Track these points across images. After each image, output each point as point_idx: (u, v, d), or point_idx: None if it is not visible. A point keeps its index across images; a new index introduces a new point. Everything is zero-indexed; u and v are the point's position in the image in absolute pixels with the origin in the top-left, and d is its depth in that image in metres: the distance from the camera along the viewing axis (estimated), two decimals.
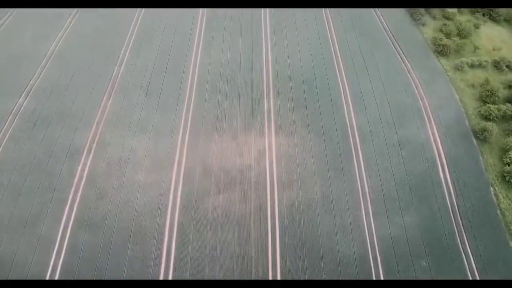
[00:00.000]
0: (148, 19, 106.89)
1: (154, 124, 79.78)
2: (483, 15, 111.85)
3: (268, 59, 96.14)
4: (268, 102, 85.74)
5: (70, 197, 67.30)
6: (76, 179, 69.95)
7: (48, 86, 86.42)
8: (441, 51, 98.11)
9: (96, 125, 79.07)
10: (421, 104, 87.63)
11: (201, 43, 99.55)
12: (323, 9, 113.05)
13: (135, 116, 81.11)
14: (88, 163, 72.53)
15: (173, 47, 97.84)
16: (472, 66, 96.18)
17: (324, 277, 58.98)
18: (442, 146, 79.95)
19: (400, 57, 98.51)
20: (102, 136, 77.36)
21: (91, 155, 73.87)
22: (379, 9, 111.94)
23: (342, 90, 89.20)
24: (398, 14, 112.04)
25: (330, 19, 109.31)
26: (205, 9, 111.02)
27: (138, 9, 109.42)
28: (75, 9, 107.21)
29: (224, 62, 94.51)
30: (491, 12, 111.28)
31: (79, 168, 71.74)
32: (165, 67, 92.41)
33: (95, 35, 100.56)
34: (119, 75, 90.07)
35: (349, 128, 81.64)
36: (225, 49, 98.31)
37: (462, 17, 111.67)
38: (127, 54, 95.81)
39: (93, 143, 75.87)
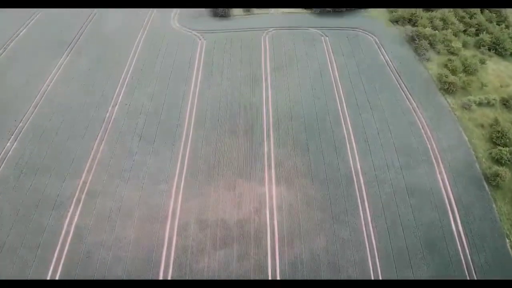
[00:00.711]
0: (144, 54, 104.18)
1: (148, 171, 75.58)
2: (489, 49, 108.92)
3: (268, 97, 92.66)
4: (268, 145, 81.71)
5: (55, 256, 62.58)
6: (62, 235, 65.34)
7: (38, 129, 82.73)
8: (447, 88, 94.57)
9: (86, 172, 74.88)
10: (429, 146, 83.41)
11: (199, 80, 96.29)
12: (323, 42, 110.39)
13: (128, 162, 77.00)
14: (76, 216, 68.06)
15: (169, 85, 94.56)
16: (480, 104, 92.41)
17: None
18: (452, 193, 75.36)
19: (405, 94, 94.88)
20: (93, 185, 73.04)
21: (79, 207, 69.43)
22: (383, 46, 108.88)
23: (345, 131, 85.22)
24: (402, 48, 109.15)
25: (332, 54, 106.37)
26: (204, 43, 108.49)
27: (134, 45, 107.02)
28: (69, 47, 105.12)
29: (222, 101, 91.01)
30: (497, 47, 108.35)
31: (66, 221, 67.24)
32: (161, 107, 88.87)
33: (90, 73, 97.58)
34: (113, 116, 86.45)
35: (353, 174, 77.27)
36: (223, 86, 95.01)
37: (467, 51, 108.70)
38: (122, 93, 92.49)
39: (82, 193, 71.52)
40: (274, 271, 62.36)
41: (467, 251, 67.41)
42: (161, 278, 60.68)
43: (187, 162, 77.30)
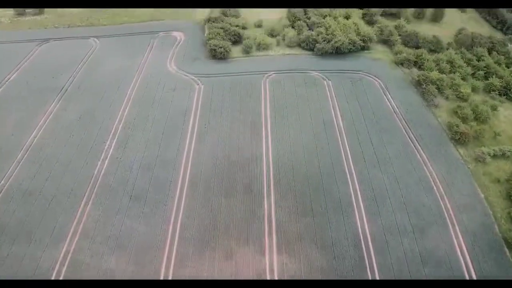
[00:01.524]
0: (138, 102, 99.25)
1: (137, 238, 69.01)
2: (500, 94, 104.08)
3: (268, 149, 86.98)
4: (269, 205, 75.37)
5: None
6: None
7: (20, 188, 76.70)
8: (459, 139, 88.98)
9: (69, 240, 68.37)
10: (442, 205, 76.99)
11: (195, 132, 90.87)
12: (326, 87, 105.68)
13: (115, 227, 70.53)
14: None
15: (164, 137, 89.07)
16: (494, 156, 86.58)
17: None
18: (471, 261, 68.50)
19: (414, 145, 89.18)
20: (75, 255, 66.35)
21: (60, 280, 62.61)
22: (389, 90, 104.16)
23: (351, 189, 79.02)
24: (409, 93, 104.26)
25: (335, 99, 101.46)
26: (201, 88, 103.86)
27: (128, 91, 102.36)
28: (58, 95, 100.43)
29: (219, 155, 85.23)
30: (508, 92, 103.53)
31: None
32: (154, 162, 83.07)
33: (80, 123, 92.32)
34: (102, 172, 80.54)
35: (362, 239, 70.60)
36: (221, 137, 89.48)
37: (477, 96, 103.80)
38: (113, 145, 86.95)
39: (64, 265, 64.79)
40: None
41: None
42: None
43: (180, 227, 70.93)
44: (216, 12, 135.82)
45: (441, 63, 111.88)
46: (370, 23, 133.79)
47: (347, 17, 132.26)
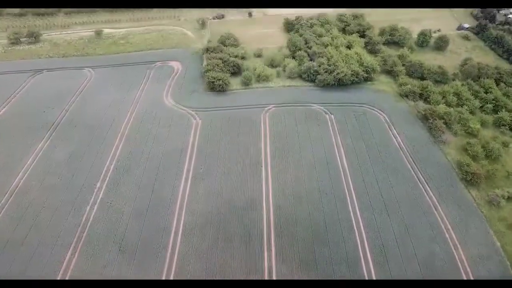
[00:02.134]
0: (132, 139, 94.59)
1: None
2: (510, 129, 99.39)
3: (268, 192, 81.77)
4: (269, 257, 69.76)
5: None
6: None
7: (1, 238, 71.32)
8: (471, 180, 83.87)
9: None
10: (456, 256, 71.38)
11: (190, 174, 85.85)
12: (328, 121, 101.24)
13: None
14: None
15: (158, 179, 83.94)
16: (509, 199, 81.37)
17: None
18: None
19: (423, 187, 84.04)
20: None
21: None
22: (394, 125, 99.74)
23: (358, 238, 73.48)
24: (415, 128, 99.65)
25: (338, 136, 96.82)
26: (199, 124, 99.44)
27: (122, 128, 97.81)
28: (48, 132, 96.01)
29: (216, 199, 79.87)
30: None
31: None
32: (147, 207, 77.77)
33: (69, 163, 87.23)
34: (90, 219, 75.12)
35: None
36: (218, 179, 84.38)
37: (487, 131, 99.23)
38: (103, 188, 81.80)
39: None
40: None
41: None
42: None
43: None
44: (214, 41, 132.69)
45: (448, 95, 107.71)
46: (373, 52, 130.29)
47: (349, 47, 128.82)
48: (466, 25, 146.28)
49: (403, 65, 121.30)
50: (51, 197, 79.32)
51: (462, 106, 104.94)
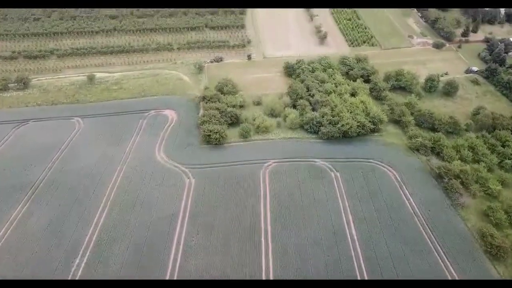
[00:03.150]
0: (118, 203, 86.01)
1: None
2: None
3: (268, 269, 72.59)
4: None
5: None
6: None
7: None
8: (496, 254, 74.71)
9: None
10: None
11: (181, 245, 76.81)
12: (334, 180, 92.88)
13: None
14: None
15: (144, 253, 74.84)
16: None
17: None
18: None
19: (443, 261, 74.90)
20: None
21: None
22: (406, 184, 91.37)
23: None
24: (429, 188, 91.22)
25: (345, 198, 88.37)
26: (192, 184, 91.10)
27: (108, 190, 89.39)
28: (27, 195, 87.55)
29: (209, 277, 70.51)
30: None
31: None
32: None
33: (47, 232, 78.41)
34: None
35: None
36: (212, 253, 75.33)
37: (508, 192, 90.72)
38: (82, 264, 72.61)
39: None
40: None
41: None
42: None
43: None
44: (212, 87, 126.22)
45: (462, 150, 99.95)
46: (379, 98, 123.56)
47: (353, 94, 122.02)
48: (475, 68, 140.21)
49: (412, 114, 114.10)
50: (24, 276, 70.00)
51: (478, 163, 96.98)
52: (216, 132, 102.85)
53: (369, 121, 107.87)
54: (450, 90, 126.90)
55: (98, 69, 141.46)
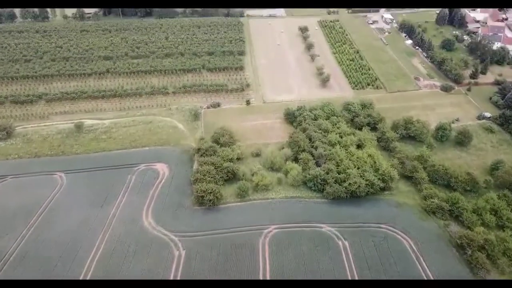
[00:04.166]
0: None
1: None
2: None
3: None
4: None
5: None
6: None
7: None
8: None
9: None
10: None
11: None
12: (342, 250, 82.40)
13: None
14: None
15: None
16: None
17: None
18: None
19: None
20: None
21: None
22: (423, 255, 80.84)
23: None
24: (450, 262, 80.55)
25: (355, 271, 77.97)
26: (182, 256, 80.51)
27: (86, 266, 78.70)
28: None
29: None
30: None
31: None
32: None
33: None
34: None
35: None
36: None
37: None
38: None
39: None
40: None
41: None
42: None
43: None
44: (208, 136, 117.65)
45: (484, 213, 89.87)
46: (387, 149, 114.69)
47: (360, 145, 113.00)
48: (488, 114, 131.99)
49: (424, 168, 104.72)
50: None
51: (503, 229, 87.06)
52: (210, 193, 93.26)
53: (379, 179, 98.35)
54: (463, 140, 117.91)
55: (88, 115, 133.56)
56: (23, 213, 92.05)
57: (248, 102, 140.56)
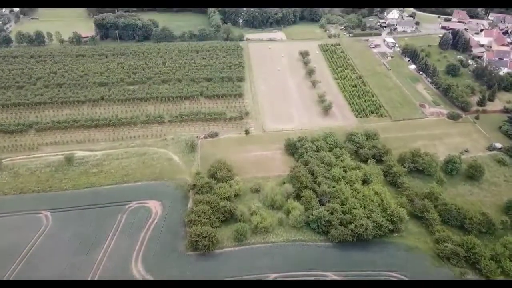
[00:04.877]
0: None
1: None
2: None
3: None
4: None
5: None
6: None
7: None
8: None
9: None
10: None
11: None
12: None
13: None
14: None
15: None
16: None
17: None
18: None
19: None
20: None
21: None
22: None
23: None
24: None
25: None
26: None
27: None
28: None
29: None
30: None
31: None
32: None
33: None
34: None
35: None
36: None
37: None
38: None
39: None
40: None
41: None
42: None
43: None
44: (204, 170, 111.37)
45: (504, 260, 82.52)
46: (394, 184, 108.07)
47: (365, 180, 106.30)
48: (499, 145, 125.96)
49: (435, 206, 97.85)
50: None
51: None
52: (205, 237, 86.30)
53: (387, 219, 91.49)
54: (474, 174, 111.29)
55: (79, 146, 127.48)
56: (2, 259, 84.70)
57: (247, 132, 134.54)
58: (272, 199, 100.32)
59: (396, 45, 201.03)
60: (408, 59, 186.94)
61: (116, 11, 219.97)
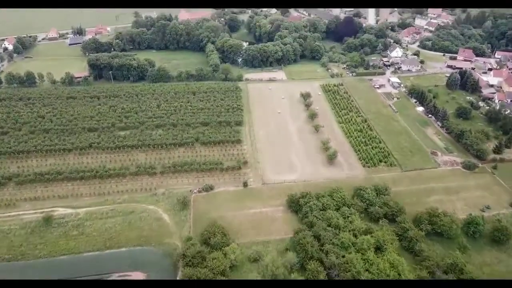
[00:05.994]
0: None
1: None
2: None
3: None
4: None
5: None
6: None
7: None
8: None
9: None
10: None
11: None
12: None
13: None
14: None
15: None
16: None
17: None
18: None
19: None
20: None
21: None
22: None
23: None
24: None
25: None
26: None
27: None
28: None
29: None
30: None
31: None
32: None
33: None
34: None
35: None
36: None
37: None
38: None
39: None
40: None
41: None
42: None
43: None
44: (196, 238, 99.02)
45: None
46: (410, 251, 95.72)
47: (378, 247, 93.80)
48: None
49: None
50: None
51: None
52: None
53: None
54: (501, 238, 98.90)
55: (61, 202, 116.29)
56: None
57: (245, 184, 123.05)
58: (273, 272, 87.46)
59: (402, 85, 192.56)
60: (415, 100, 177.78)
61: (113, 48, 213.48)
